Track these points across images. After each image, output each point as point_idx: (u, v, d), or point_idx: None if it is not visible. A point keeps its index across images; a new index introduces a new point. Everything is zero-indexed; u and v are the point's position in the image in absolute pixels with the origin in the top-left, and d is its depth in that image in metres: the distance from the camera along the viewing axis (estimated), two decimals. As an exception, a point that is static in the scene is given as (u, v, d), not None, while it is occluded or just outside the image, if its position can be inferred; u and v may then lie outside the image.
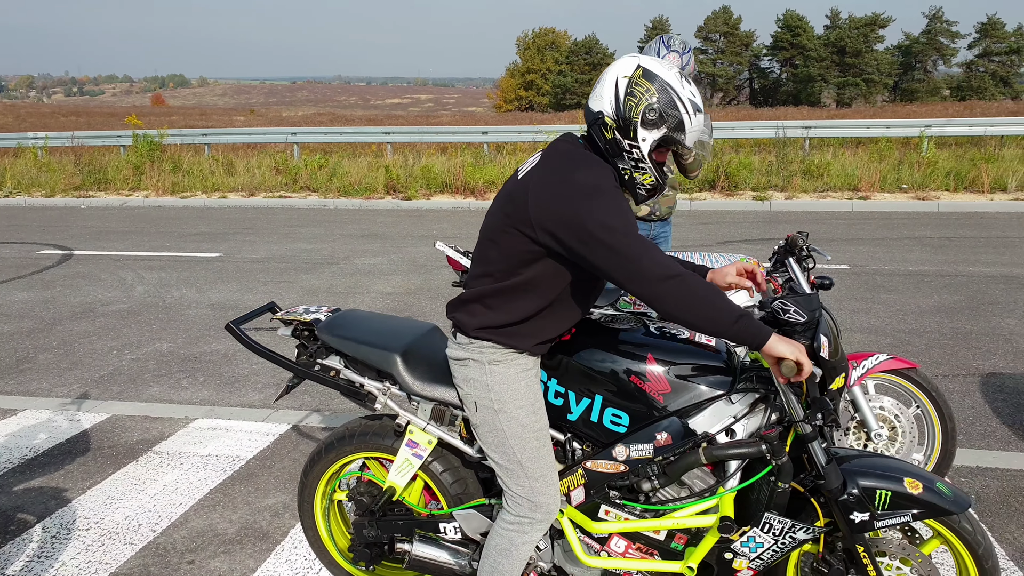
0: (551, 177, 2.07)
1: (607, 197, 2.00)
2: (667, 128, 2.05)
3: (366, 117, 42.68)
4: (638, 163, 2.09)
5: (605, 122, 2.07)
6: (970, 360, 5.30)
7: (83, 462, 4.04)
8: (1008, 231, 9.96)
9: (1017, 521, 3.33)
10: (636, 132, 2.05)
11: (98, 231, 11.59)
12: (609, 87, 2.07)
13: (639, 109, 2.03)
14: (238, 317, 2.73)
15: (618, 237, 1.96)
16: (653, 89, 2.03)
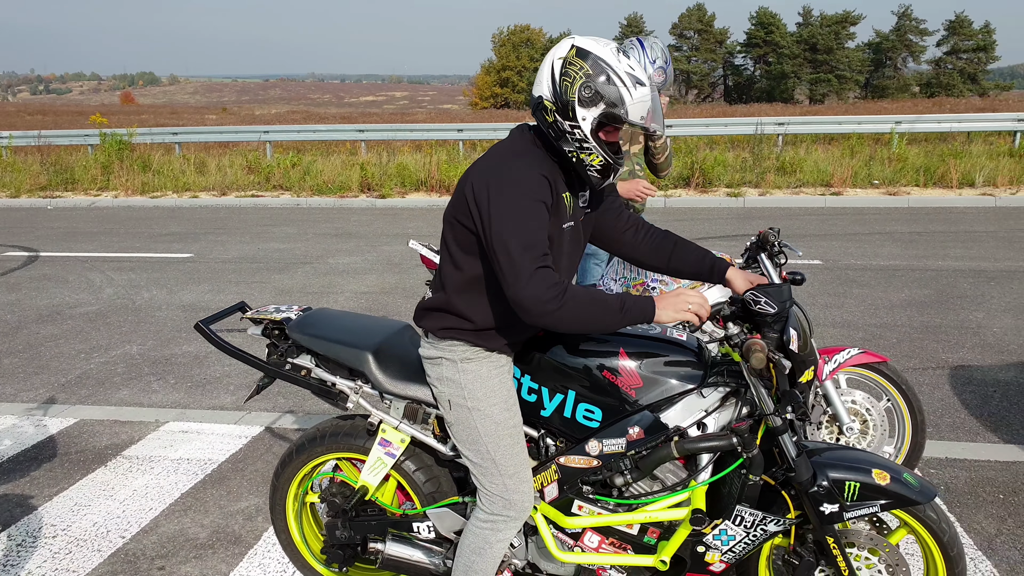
0: (482, 170, 2.09)
1: (519, 200, 2.00)
2: (605, 104, 2.02)
3: (340, 115, 42.44)
4: (582, 144, 2.06)
5: (545, 106, 2.06)
6: (939, 353, 5.37)
7: (50, 468, 3.97)
8: (975, 225, 10.11)
9: (985, 511, 3.37)
10: (575, 112, 2.02)
11: (65, 232, 11.41)
12: (546, 70, 2.06)
13: (574, 88, 2.01)
14: (207, 317, 2.69)
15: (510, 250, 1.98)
16: (587, 67, 2.00)
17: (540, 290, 1.95)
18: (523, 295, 1.96)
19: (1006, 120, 14.85)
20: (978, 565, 2.98)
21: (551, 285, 1.97)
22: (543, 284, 1.96)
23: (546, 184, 2.05)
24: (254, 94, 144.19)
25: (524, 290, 1.96)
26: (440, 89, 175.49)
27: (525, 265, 1.96)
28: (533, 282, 1.95)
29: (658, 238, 2.44)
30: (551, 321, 1.99)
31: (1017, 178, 12.80)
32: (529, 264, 1.96)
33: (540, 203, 2.02)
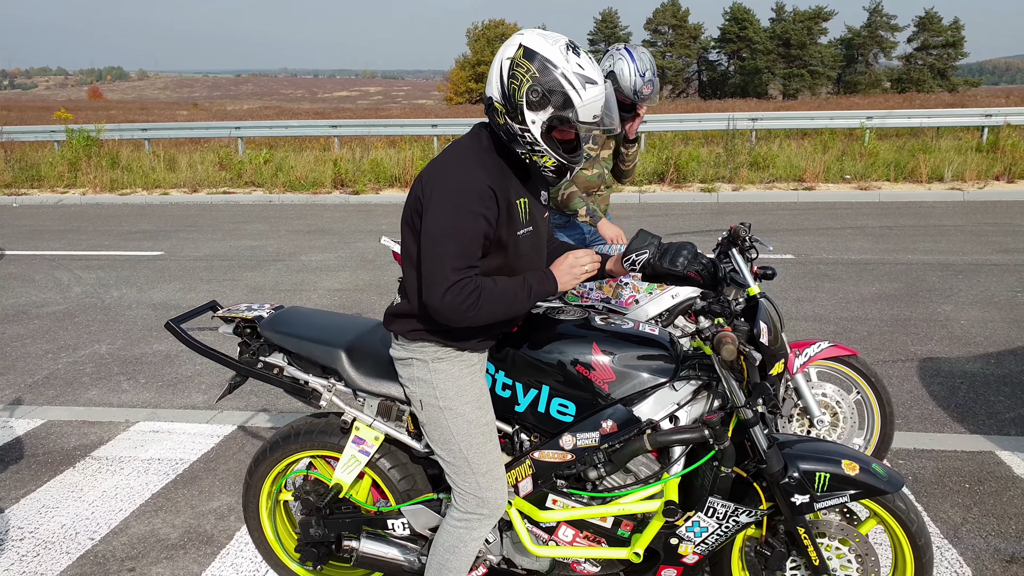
0: (433, 172, 2.08)
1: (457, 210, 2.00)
2: (553, 108, 1.98)
3: (313, 110, 42.12)
4: (533, 147, 2.04)
5: (495, 107, 2.03)
6: (909, 346, 5.44)
7: (16, 470, 3.91)
8: (944, 220, 10.26)
9: (951, 500, 3.43)
10: (523, 115, 1.99)
11: (31, 230, 11.22)
12: (496, 71, 2.02)
13: (522, 91, 1.97)
14: (178, 316, 2.66)
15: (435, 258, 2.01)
16: (533, 69, 1.95)
17: (455, 301, 1.99)
18: (438, 305, 2.01)
19: (974, 116, 15.07)
20: (944, 553, 3.03)
21: (467, 295, 2.00)
22: (460, 295, 1.99)
23: (491, 196, 2.02)
24: (226, 89, 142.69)
25: (440, 301, 2.00)
26: (415, 84, 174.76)
27: (447, 276, 1.99)
28: (450, 293, 1.99)
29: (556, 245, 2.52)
30: (468, 324, 2.05)
31: (984, 172, 13.00)
32: (451, 275, 1.99)
33: (479, 216, 2.01)
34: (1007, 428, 4.14)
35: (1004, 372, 4.91)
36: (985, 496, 3.46)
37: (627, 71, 3.66)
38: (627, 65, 3.66)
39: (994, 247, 8.47)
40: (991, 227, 9.62)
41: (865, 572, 2.36)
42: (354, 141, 18.05)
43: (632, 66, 3.66)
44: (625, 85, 3.66)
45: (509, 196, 2.08)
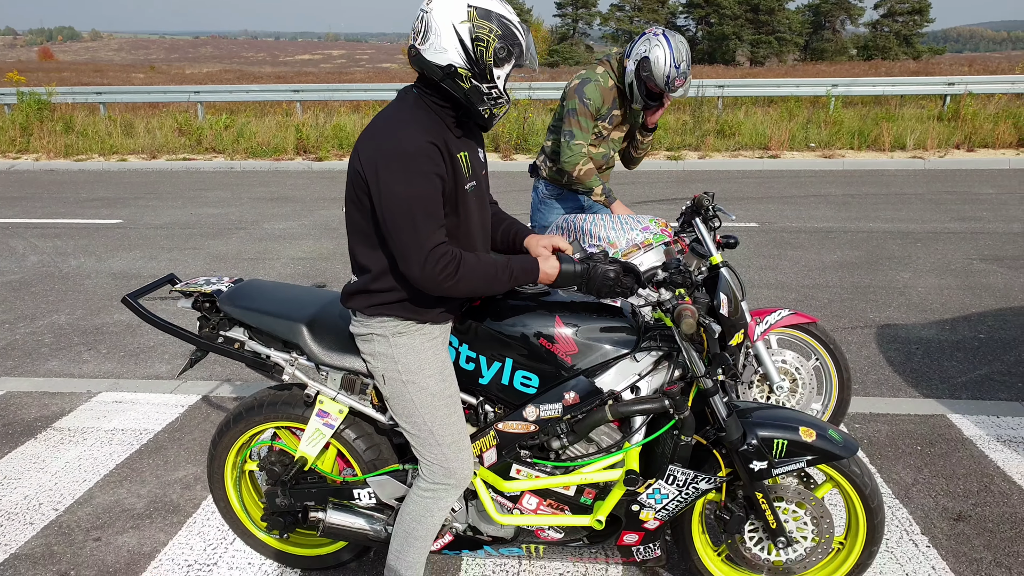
0: (368, 144, 2.06)
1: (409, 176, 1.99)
2: (515, 58, 2.06)
3: (275, 74, 41.31)
4: (496, 100, 2.09)
5: (460, 73, 2.02)
6: (868, 313, 5.56)
7: (-23, 441, 3.86)
8: (905, 188, 10.42)
9: (903, 462, 3.54)
10: (492, 73, 2.04)
11: (-13, 197, 10.95)
12: (449, 37, 2.00)
13: (490, 52, 2.01)
14: (135, 290, 2.63)
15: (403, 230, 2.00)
16: (495, 27, 2.01)
17: (435, 270, 2.01)
18: (419, 276, 2.02)
19: (937, 84, 15.23)
20: (895, 513, 3.13)
21: (446, 264, 2.02)
22: (438, 264, 2.01)
23: (436, 151, 2.02)
24: (184, 52, 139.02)
25: (420, 271, 2.01)
26: (379, 47, 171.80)
27: (420, 245, 2.00)
28: (428, 263, 2.00)
29: (492, 212, 2.53)
30: (447, 294, 2.08)
31: (945, 141, 13.20)
32: (424, 243, 2.00)
33: (431, 176, 2.01)
34: (958, 392, 4.27)
35: (957, 338, 5.04)
36: (935, 458, 3.57)
37: (663, 59, 3.49)
38: (663, 53, 3.48)
39: (952, 215, 8.64)
40: (950, 196, 9.80)
41: (820, 534, 2.44)
42: (317, 106, 17.77)
43: (669, 54, 3.48)
44: (659, 74, 3.49)
45: (451, 150, 2.08)
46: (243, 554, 2.93)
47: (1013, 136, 13.23)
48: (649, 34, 3.55)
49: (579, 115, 3.66)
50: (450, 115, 2.12)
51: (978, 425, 3.86)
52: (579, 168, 3.67)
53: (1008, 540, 2.95)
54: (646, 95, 3.63)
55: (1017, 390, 4.27)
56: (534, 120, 14.21)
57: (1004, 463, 3.50)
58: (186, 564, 2.88)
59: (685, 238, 3.48)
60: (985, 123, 13.57)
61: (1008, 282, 6.17)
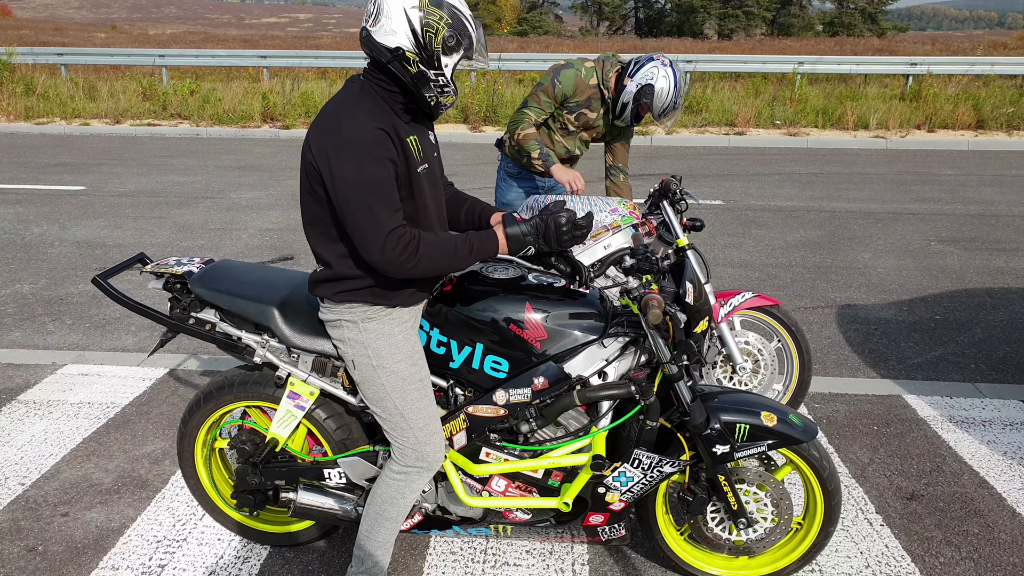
0: (318, 135, 2.07)
1: (361, 162, 2.00)
2: (464, 49, 2.09)
3: (241, 37, 40.40)
4: (443, 88, 2.12)
5: (407, 57, 2.05)
6: (829, 293, 5.68)
7: (-61, 415, 3.81)
8: (868, 167, 10.59)
9: (860, 442, 3.65)
10: (439, 60, 2.06)
11: (-58, 160, 10.65)
12: (400, 20, 2.02)
13: (439, 39, 2.03)
14: (105, 270, 2.61)
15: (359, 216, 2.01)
16: (446, 16, 2.03)
17: (395, 252, 2.03)
18: (379, 259, 2.04)
19: (900, 64, 15.44)
20: (851, 492, 3.24)
21: (405, 245, 2.03)
22: (397, 246, 2.03)
23: (386, 137, 2.04)
24: (146, 12, 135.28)
25: (380, 255, 2.03)
26: (346, 12, 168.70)
27: (377, 229, 2.01)
28: (387, 245, 2.02)
29: (451, 193, 2.55)
30: (410, 275, 2.10)
31: (907, 121, 13.42)
32: (381, 227, 2.01)
33: (383, 160, 2.03)
34: (914, 373, 4.40)
35: (915, 319, 5.18)
36: (891, 438, 3.69)
37: (666, 93, 3.52)
38: (668, 86, 3.51)
39: (912, 196, 8.81)
40: (910, 176, 9.98)
41: (780, 515, 2.53)
42: (284, 72, 17.48)
43: (673, 90, 3.52)
44: (658, 105, 3.53)
45: (400, 135, 2.10)
46: (212, 530, 2.95)
47: (972, 118, 13.48)
48: (657, 62, 3.55)
49: (542, 92, 3.69)
50: (398, 101, 2.14)
51: (932, 406, 3.99)
52: (519, 132, 3.69)
53: (958, 519, 3.07)
54: (634, 116, 3.66)
55: (969, 371, 4.41)
56: (503, 92, 14.14)
57: (956, 444, 3.63)
58: (155, 540, 2.90)
59: (652, 220, 3.54)
60: (945, 104, 13.81)
61: (963, 264, 6.34)
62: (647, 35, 45.73)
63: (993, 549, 2.89)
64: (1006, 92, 14.88)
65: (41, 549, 2.85)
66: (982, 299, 5.55)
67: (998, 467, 3.43)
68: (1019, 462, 3.47)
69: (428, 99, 2.11)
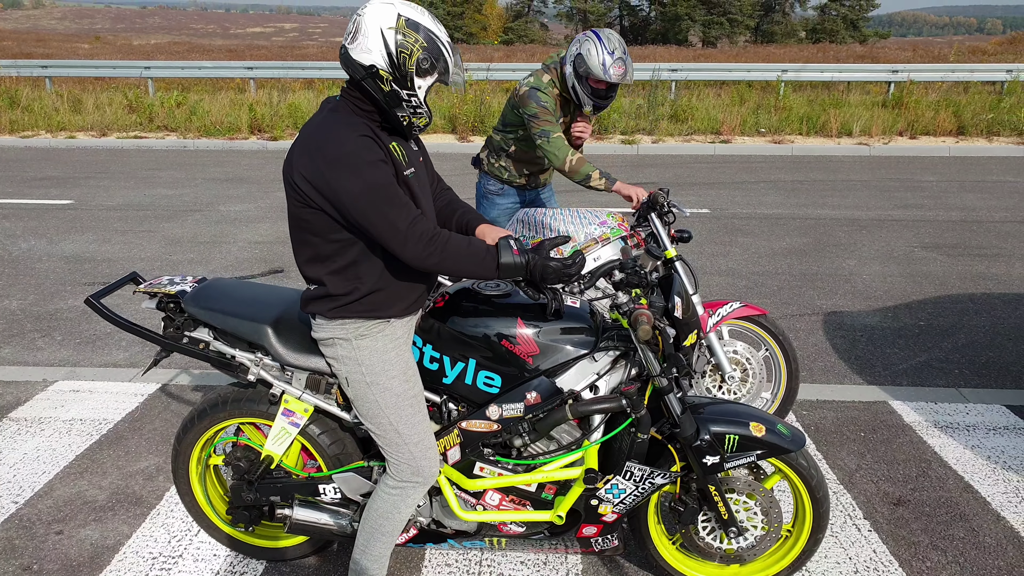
0: (303, 158, 2.09)
1: (357, 169, 2.04)
2: (438, 73, 2.14)
3: (226, 47, 40.31)
4: (416, 109, 2.16)
5: (381, 75, 2.09)
6: (815, 300, 5.75)
7: (-70, 435, 3.80)
8: (852, 175, 10.70)
9: (848, 448, 3.70)
10: (413, 81, 2.11)
11: (-73, 175, 10.59)
12: (376, 40, 2.07)
13: (413, 60, 2.08)
14: (98, 290, 2.62)
15: (369, 204, 2.04)
16: (421, 39, 2.08)
17: (419, 247, 2.07)
18: (406, 254, 2.08)
19: (882, 71, 15.62)
20: (840, 499, 3.29)
21: (428, 240, 2.08)
22: (420, 241, 2.07)
23: (371, 142, 2.09)
24: (131, 22, 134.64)
25: (406, 249, 2.07)
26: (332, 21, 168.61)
27: (396, 230, 2.05)
28: (411, 240, 2.07)
29: (444, 201, 2.58)
30: (435, 270, 2.14)
31: (889, 128, 13.56)
32: (399, 227, 2.05)
33: (377, 162, 2.07)
34: (900, 379, 4.46)
35: (900, 325, 5.25)
36: (877, 444, 3.75)
37: (595, 50, 3.58)
38: (594, 45, 3.58)
39: (895, 202, 8.91)
40: (894, 182, 10.10)
41: (769, 523, 2.57)
42: (270, 83, 17.49)
43: (599, 44, 3.58)
44: (594, 64, 3.58)
45: (383, 140, 2.14)
46: (208, 546, 2.96)
47: (953, 124, 13.65)
48: (579, 36, 3.67)
49: (542, 116, 3.70)
50: (373, 119, 2.18)
51: (917, 412, 4.05)
52: (568, 161, 3.68)
53: (944, 524, 3.13)
54: (591, 93, 3.70)
55: (953, 377, 4.48)
56: (491, 102, 14.20)
57: (941, 449, 3.69)
58: (151, 556, 2.91)
59: (641, 232, 3.59)
60: (927, 111, 13.97)
61: (946, 270, 6.42)
62: (632, 43, 45.98)
63: (978, 553, 2.95)
64: (985, 98, 15.07)
65: (36, 568, 2.85)
66: (965, 305, 5.63)
67: (982, 471, 3.49)
68: (1002, 466, 3.53)
69: (400, 119, 2.16)
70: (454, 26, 46.23)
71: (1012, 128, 13.54)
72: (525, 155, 3.95)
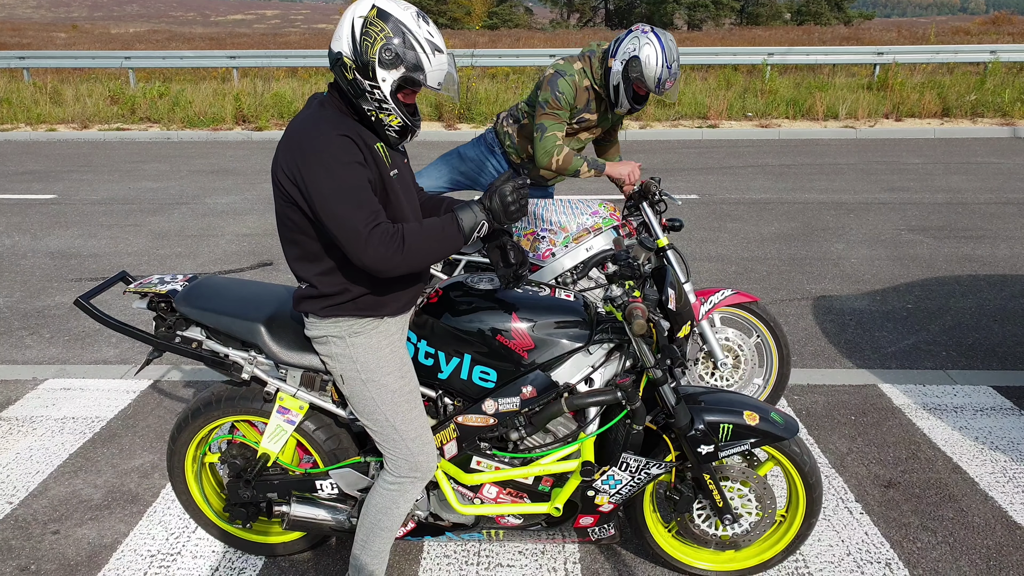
0: (285, 152, 2.09)
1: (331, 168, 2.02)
2: (405, 68, 2.07)
3: (207, 35, 39.95)
4: (381, 104, 2.11)
5: (344, 63, 2.08)
6: (804, 284, 5.79)
7: (-79, 436, 3.78)
8: (838, 158, 10.74)
9: (839, 432, 3.74)
10: (375, 72, 2.06)
11: (-93, 171, 10.47)
12: (346, 27, 2.06)
13: (375, 49, 2.04)
14: (87, 291, 2.60)
15: (340, 220, 2.01)
16: (388, 29, 2.04)
17: (380, 249, 2.01)
18: (368, 260, 2.02)
19: (867, 53, 15.65)
20: (832, 482, 3.33)
21: (389, 240, 2.02)
22: (381, 242, 2.01)
23: (351, 143, 2.06)
24: (108, 10, 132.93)
25: (365, 254, 2.01)
26: (314, 7, 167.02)
27: (358, 232, 2.01)
28: (371, 244, 2.01)
29: (424, 197, 2.56)
30: (402, 268, 2.06)
31: (875, 110, 13.60)
32: (362, 228, 2.01)
33: (353, 164, 2.05)
34: (888, 362, 4.51)
35: (888, 308, 5.29)
36: (868, 427, 3.79)
37: (655, 59, 3.31)
38: (655, 52, 3.30)
39: (882, 185, 8.96)
40: (880, 165, 10.15)
41: (763, 509, 2.60)
42: (254, 72, 17.34)
43: (661, 54, 3.30)
44: (650, 75, 3.33)
45: (367, 141, 2.13)
46: (206, 542, 2.97)
47: (937, 106, 13.71)
48: (637, 31, 3.38)
49: (550, 107, 3.49)
50: (356, 119, 2.17)
51: (906, 394, 4.09)
52: (555, 160, 3.49)
53: (933, 505, 3.17)
54: (632, 98, 3.50)
55: (941, 359, 4.53)
56: (477, 88, 14.15)
57: (930, 431, 3.73)
58: (149, 554, 2.91)
59: (632, 222, 3.60)
60: (912, 93, 14.02)
61: (933, 252, 6.47)
62: (617, 26, 45.86)
63: (967, 533, 2.99)
64: (969, 79, 15.13)
65: (34, 568, 2.85)
66: (951, 287, 5.68)
67: (970, 452, 3.54)
68: (990, 447, 3.58)
69: (368, 113, 2.12)
70: (437, 11, 45.88)
71: (996, 109, 13.62)
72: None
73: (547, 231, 3.39)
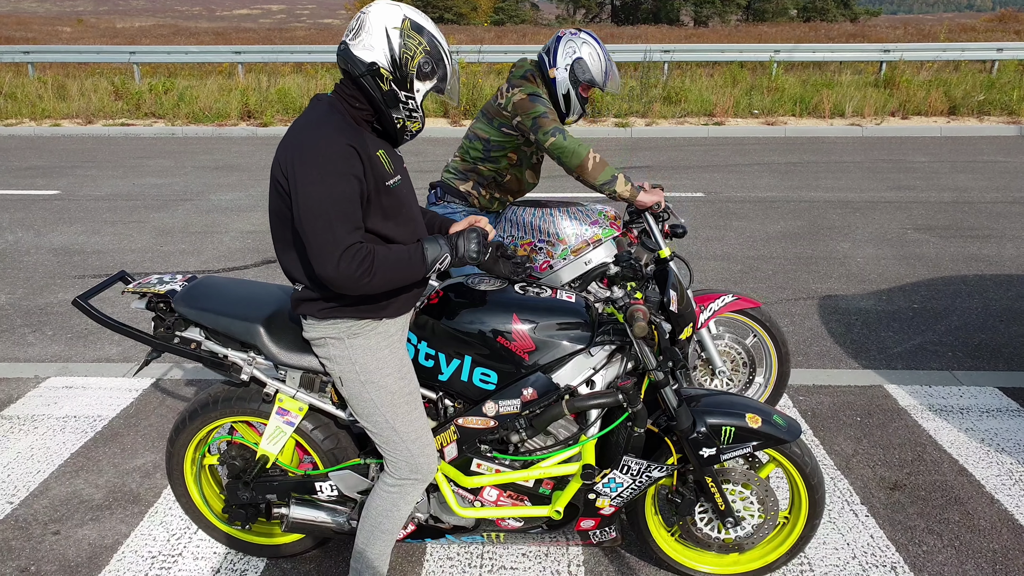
0: (285, 150, 2.08)
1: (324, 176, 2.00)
2: (438, 79, 2.15)
3: (213, 30, 39.91)
4: (412, 112, 2.16)
5: (381, 74, 2.08)
6: (810, 284, 5.75)
7: (-78, 433, 3.78)
8: (844, 156, 10.69)
9: (844, 433, 3.72)
10: (412, 84, 2.11)
11: (-87, 166, 10.48)
12: (380, 37, 2.06)
13: (415, 62, 2.09)
14: (86, 291, 2.58)
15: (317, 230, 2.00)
16: (424, 42, 2.10)
17: (351, 267, 2.00)
18: (333, 275, 2.00)
19: (873, 51, 15.57)
20: (837, 484, 3.30)
21: (361, 260, 2.01)
22: (353, 262, 2.00)
23: (353, 154, 2.05)
24: (113, 4, 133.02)
25: (335, 270, 2.00)
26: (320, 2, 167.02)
27: (335, 243, 1.99)
28: (344, 260, 1.99)
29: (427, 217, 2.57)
30: (364, 291, 2.06)
31: (881, 108, 13.54)
32: (340, 242, 1.99)
33: (348, 176, 2.03)
34: (894, 363, 4.48)
35: (894, 308, 5.26)
36: (873, 428, 3.76)
37: (596, 55, 3.34)
38: (593, 49, 3.34)
39: (888, 184, 8.91)
40: (886, 164, 10.09)
41: (766, 511, 2.58)
42: (259, 68, 17.33)
43: (599, 50, 3.35)
44: (597, 71, 3.34)
45: (368, 150, 2.11)
46: (207, 543, 2.96)
47: (944, 104, 13.64)
48: (565, 36, 3.37)
49: (550, 116, 3.24)
50: (366, 118, 2.16)
51: (912, 395, 4.06)
52: (591, 158, 3.20)
53: (939, 508, 3.14)
54: (581, 100, 3.44)
55: (947, 359, 4.50)
56: (483, 85, 14.12)
57: (935, 432, 3.70)
58: (150, 555, 2.90)
59: (634, 230, 3.52)
60: (918, 91, 13.95)
61: (939, 252, 6.43)
62: (623, 22, 45.70)
63: (973, 536, 2.97)
64: (976, 77, 15.04)
65: (34, 569, 2.84)
66: (957, 287, 5.64)
67: (976, 454, 3.51)
68: (996, 449, 3.55)
69: (395, 120, 2.15)
70: (443, 7, 45.79)
71: (1003, 108, 13.54)
72: (517, 183, 3.53)
73: (544, 242, 3.31)
